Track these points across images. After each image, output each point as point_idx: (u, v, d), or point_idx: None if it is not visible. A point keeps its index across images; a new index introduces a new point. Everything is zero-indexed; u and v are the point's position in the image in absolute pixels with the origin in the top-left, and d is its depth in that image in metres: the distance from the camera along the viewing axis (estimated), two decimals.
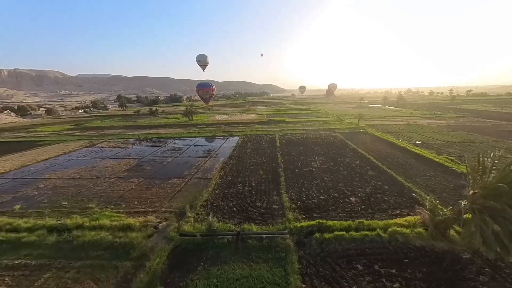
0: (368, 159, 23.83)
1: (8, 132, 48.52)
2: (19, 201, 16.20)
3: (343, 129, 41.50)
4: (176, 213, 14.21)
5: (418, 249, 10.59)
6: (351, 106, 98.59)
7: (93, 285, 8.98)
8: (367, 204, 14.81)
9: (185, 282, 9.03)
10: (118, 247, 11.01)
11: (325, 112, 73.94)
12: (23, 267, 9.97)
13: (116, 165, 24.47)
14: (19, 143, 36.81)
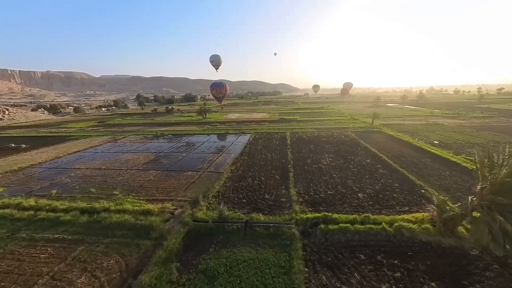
0: (380, 158, 23.51)
1: (43, 128, 53.57)
2: (55, 187, 18.32)
3: (356, 128, 40.77)
4: (190, 201, 15.33)
5: (423, 244, 10.66)
6: (366, 105, 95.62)
7: (119, 259, 10.23)
8: (375, 200, 14.89)
9: (198, 260, 9.98)
10: (140, 228, 12.29)
11: (338, 111, 72.57)
12: (61, 241, 11.55)
13: (136, 158, 26.40)
14: (52, 137, 40.67)
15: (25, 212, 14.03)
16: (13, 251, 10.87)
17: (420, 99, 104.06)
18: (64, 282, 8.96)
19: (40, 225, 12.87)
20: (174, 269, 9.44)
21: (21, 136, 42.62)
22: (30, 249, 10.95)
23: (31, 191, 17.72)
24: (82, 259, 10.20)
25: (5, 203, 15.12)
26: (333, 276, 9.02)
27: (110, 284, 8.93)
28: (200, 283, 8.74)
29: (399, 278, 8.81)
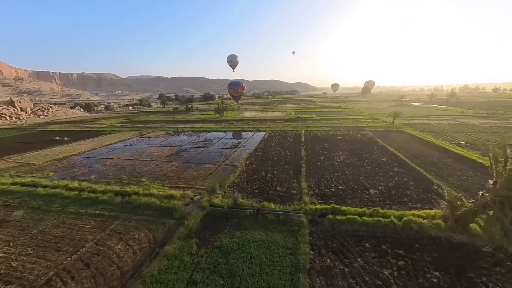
0: (397, 157, 22.99)
1: (80, 124, 59.84)
2: (93, 173, 20.99)
3: (375, 127, 39.59)
4: (207, 190, 16.75)
5: (432, 238, 10.75)
6: (389, 104, 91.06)
7: (147, 232, 11.87)
8: (387, 197, 14.96)
9: (213, 238, 11.22)
10: (164, 209, 13.92)
11: (357, 110, 70.30)
12: (101, 216, 13.59)
13: (160, 151, 28.81)
14: (88, 132, 45.49)
15: (71, 192, 16.54)
16: (64, 221, 13.11)
17: (451, 98, 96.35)
18: (105, 247, 10.76)
19: (83, 203, 15.16)
20: (194, 243, 10.78)
21: (63, 131, 48.23)
22: (77, 221, 13.10)
23: (74, 176, 20.57)
24: (118, 231, 12.02)
25: (56, 184, 17.88)
26: (337, 259, 9.65)
27: (141, 251, 10.53)
28: (215, 256, 9.94)
29: (402, 265, 9.17)
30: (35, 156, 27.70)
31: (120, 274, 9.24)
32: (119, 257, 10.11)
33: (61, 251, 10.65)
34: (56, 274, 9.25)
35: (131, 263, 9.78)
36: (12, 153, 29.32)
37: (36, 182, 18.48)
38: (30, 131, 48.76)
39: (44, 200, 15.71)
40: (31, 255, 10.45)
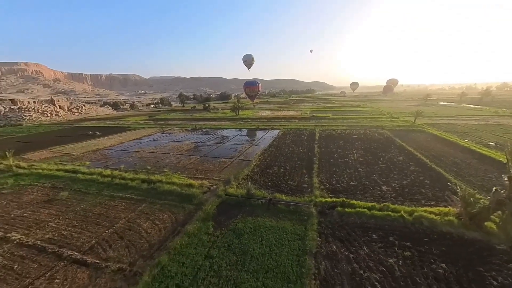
0: (415, 156, 22.33)
1: (109, 120, 65.27)
2: (122, 163, 23.36)
3: (394, 127, 38.20)
4: (223, 181, 17.95)
5: (443, 234, 10.75)
6: (412, 103, 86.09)
7: (170, 214, 13.31)
8: (399, 193, 14.92)
9: (228, 222, 12.29)
10: (184, 196, 15.34)
11: (377, 109, 67.71)
12: (130, 199, 15.39)
13: (180, 146, 30.83)
14: (116, 128, 49.65)
15: (105, 178, 18.76)
16: (101, 202, 15.10)
17: (485, 97, 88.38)
18: (135, 224, 12.36)
19: (115, 187, 17.19)
20: (210, 225, 11.94)
21: (95, 126, 53.12)
22: (111, 202, 15.02)
23: (106, 165, 23.08)
24: (145, 212, 13.64)
25: (92, 172, 20.33)
26: (343, 246, 10.17)
27: (165, 229, 11.94)
28: (229, 237, 11.00)
29: (408, 256, 9.44)
30: (73, 148, 31.26)
31: (148, 246, 10.68)
32: (147, 233, 11.61)
33: (99, 225, 12.46)
34: (97, 243, 10.96)
35: (157, 238, 11.22)
36: (54, 145, 33.35)
37: (76, 169, 21.16)
38: (67, 126, 54.45)
39: (84, 184, 18.08)
40: (77, 227, 12.39)
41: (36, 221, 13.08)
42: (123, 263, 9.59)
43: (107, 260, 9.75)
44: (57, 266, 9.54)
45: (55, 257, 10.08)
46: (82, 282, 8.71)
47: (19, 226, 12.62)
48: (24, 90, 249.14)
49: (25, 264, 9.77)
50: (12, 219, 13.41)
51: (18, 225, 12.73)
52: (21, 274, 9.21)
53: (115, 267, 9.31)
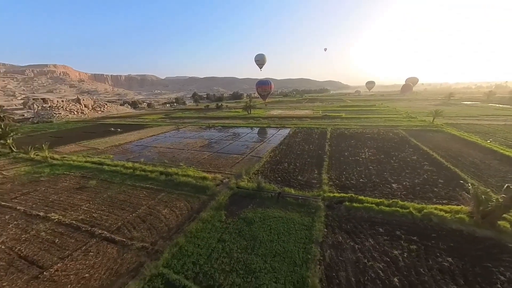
0: (430, 156, 21.75)
1: (128, 118, 69.16)
2: (142, 157, 25.09)
3: (410, 126, 36.98)
4: (235, 175, 18.81)
5: (452, 231, 10.74)
6: (433, 103, 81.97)
7: (186, 203, 14.39)
8: (410, 191, 14.85)
9: (239, 211, 13.09)
10: (199, 187, 16.40)
11: (393, 109, 65.41)
12: (150, 188, 16.74)
13: (194, 142, 32.29)
14: (135, 125, 52.65)
15: (127, 170, 20.41)
16: (124, 190, 16.60)
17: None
18: (155, 210, 13.57)
19: (137, 178, 18.70)
20: (223, 214, 12.82)
21: (116, 123, 56.60)
22: (133, 191, 16.46)
23: (128, 158, 24.94)
24: (164, 200, 14.85)
25: (116, 164, 22.15)
26: (349, 237, 10.55)
27: (182, 215, 13.01)
28: (240, 225, 11.79)
29: (413, 249, 9.63)
30: (98, 143, 33.88)
31: (167, 229, 11.78)
32: (166, 218, 12.74)
33: (124, 210, 13.83)
34: (123, 224, 12.26)
35: (175, 223, 12.30)
36: (81, 139, 36.33)
37: (101, 161, 23.14)
38: (92, 123, 58.58)
39: (109, 174, 19.84)
40: (105, 210, 13.85)
41: (70, 204, 14.78)
42: (145, 242, 10.74)
43: (132, 239, 10.95)
44: (90, 242, 10.90)
45: (88, 235, 11.48)
46: (112, 256, 9.93)
47: (57, 208, 14.35)
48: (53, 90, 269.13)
49: (64, 239, 11.25)
50: (51, 202, 15.24)
51: (56, 207, 14.47)
52: (61, 246, 10.66)
53: (139, 245, 10.47)
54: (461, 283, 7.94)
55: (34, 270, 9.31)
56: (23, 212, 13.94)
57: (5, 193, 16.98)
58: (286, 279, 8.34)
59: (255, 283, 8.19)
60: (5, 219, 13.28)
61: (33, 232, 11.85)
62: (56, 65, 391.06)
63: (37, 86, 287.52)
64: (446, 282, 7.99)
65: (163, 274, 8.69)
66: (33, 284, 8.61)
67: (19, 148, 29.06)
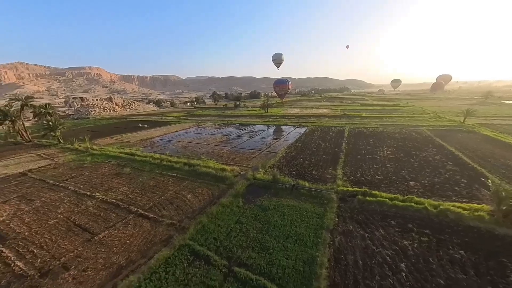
0: (455, 156, 20.75)
1: (153, 116, 74.30)
2: (167, 150, 27.43)
3: (437, 126, 34.94)
4: (251, 168, 19.92)
5: (469, 227, 10.62)
6: (467, 102, 75.16)
7: (207, 190, 15.84)
8: (428, 189, 14.62)
9: (255, 199, 14.13)
10: (219, 177, 17.79)
11: (419, 108, 61.61)
12: (175, 177, 18.55)
13: (213, 138, 34.14)
14: (160, 122, 56.58)
15: (155, 160, 22.64)
16: (154, 177, 18.62)
17: None
18: (181, 195, 15.21)
19: (164, 167, 20.74)
20: (240, 201, 13.97)
21: (143, 120, 61.31)
22: (161, 178, 18.40)
23: (155, 150, 27.43)
24: (188, 187, 16.47)
25: (145, 155, 24.60)
26: (359, 227, 11.02)
27: (204, 200, 14.44)
28: (256, 210, 12.84)
29: (425, 241, 9.82)
30: (128, 137, 37.40)
31: (191, 210, 13.26)
32: (190, 201, 14.27)
33: (154, 193, 15.69)
34: (154, 205, 14.03)
35: (198, 205, 13.75)
36: (114, 134, 40.34)
37: (133, 153, 25.81)
38: (122, 120, 64.11)
39: (140, 163, 22.22)
40: (138, 193, 15.85)
41: (110, 187, 17.10)
42: (173, 220, 12.29)
43: (162, 217, 12.59)
44: (128, 217, 12.77)
45: (126, 211, 13.41)
46: (146, 229, 11.62)
47: (99, 189, 16.74)
48: (88, 90, 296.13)
49: (107, 213, 13.30)
50: (94, 184, 17.75)
51: (99, 188, 16.87)
52: (106, 219, 12.67)
53: (168, 222, 12.05)
54: (471, 274, 8.09)
55: (87, 235, 11.32)
56: (74, 191, 16.52)
57: (58, 175, 20.06)
58: (297, 257, 9.19)
59: (268, 258, 9.17)
60: (60, 196, 15.92)
61: (83, 207, 14.13)
62: (91, 67, 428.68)
63: (75, 86, 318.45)
64: (455, 271, 8.20)
65: (189, 245, 10.07)
66: (87, 245, 10.55)
67: (65, 140, 33.39)
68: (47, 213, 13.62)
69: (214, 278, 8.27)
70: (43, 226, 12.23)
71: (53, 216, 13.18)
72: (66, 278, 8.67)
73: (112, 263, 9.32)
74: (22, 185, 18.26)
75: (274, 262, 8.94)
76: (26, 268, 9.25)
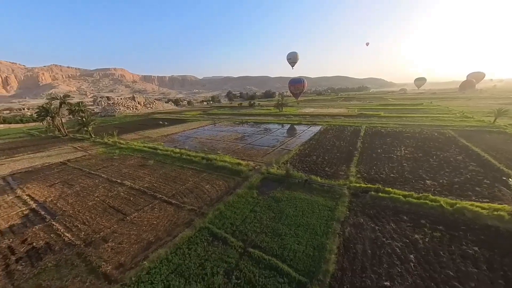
0: (480, 157, 19.75)
1: (172, 114, 78.02)
2: (186, 145, 29.15)
3: (463, 127, 32.96)
4: (265, 163, 20.67)
5: (486, 226, 10.44)
6: (500, 101, 68.94)
7: (224, 182, 16.90)
8: (446, 188, 14.32)
9: (269, 192, 14.87)
10: (234, 171, 18.80)
11: (444, 108, 58.01)
12: (194, 169, 19.90)
13: (229, 135, 35.42)
14: (178, 119, 59.44)
15: (176, 154, 24.31)
16: (175, 169, 20.15)
17: None
18: (199, 185, 16.43)
19: (183, 161, 22.27)
20: (255, 192, 14.80)
21: (163, 118, 64.72)
22: (181, 170, 19.87)
23: (175, 145, 29.28)
24: (205, 179, 17.68)
25: (166, 149, 26.44)
26: (370, 220, 11.29)
27: (221, 190, 15.49)
28: (269, 201, 13.60)
29: (437, 236, 9.88)
30: (151, 133, 40.05)
31: (210, 199, 14.37)
32: (208, 191, 15.40)
33: (176, 183, 17.10)
34: (176, 193, 15.38)
35: (215, 195, 14.84)
36: (138, 130, 43.38)
37: (156, 147, 27.83)
38: (144, 118, 68.25)
39: (162, 156, 24.01)
40: (162, 182, 17.37)
41: (137, 176, 18.89)
42: (194, 206, 13.47)
43: (184, 203, 13.83)
44: (154, 202, 14.21)
45: (152, 197, 14.89)
46: (170, 212, 12.91)
47: (128, 178, 18.57)
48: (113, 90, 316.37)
49: (136, 198, 14.88)
50: (123, 173, 19.69)
51: (128, 177, 18.71)
52: (135, 203, 14.22)
53: (189, 208, 13.25)
54: (483, 268, 8.13)
55: (120, 215, 12.88)
56: (106, 179, 18.52)
57: (92, 165, 22.44)
58: (308, 243, 9.80)
59: (280, 243, 9.88)
60: (95, 182, 17.97)
61: (115, 192, 15.91)
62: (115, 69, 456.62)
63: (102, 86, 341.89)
64: (466, 265, 8.28)
65: (209, 227, 11.11)
66: (121, 223, 12.05)
67: (95, 135, 36.72)
68: (86, 196, 15.57)
69: (231, 256, 9.19)
70: (83, 206, 14.07)
71: (91, 199, 15.06)
72: (106, 248, 10.12)
73: (143, 239, 10.64)
74: (64, 172, 20.79)
75: (286, 246, 9.64)
76: (73, 238, 10.91)
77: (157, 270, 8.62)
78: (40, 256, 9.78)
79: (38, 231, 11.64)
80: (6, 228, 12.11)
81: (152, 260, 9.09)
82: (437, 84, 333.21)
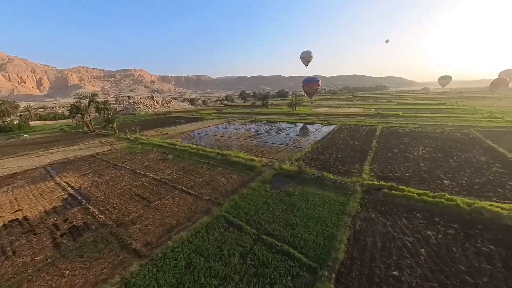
0: (507, 158, 18.70)
1: (188, 112, 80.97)
2: (202, 142, 30.52)
3: (489, 127, 31.01)
4: (278, 160, 21.20)
5: (506, 226, 10.18)
6: None
7: (238, 176, 17.72)
8: (465, 189, 13.92)
9: (281, 186, 15.43)
10: (248, 166, 19.57)
11: (471, 108, 54.45)
12: (210, 164, 20.97)
13: (242, 133, 36.34)
14: (194, 118, 61.68)
15: (193, 149, 25.65)
16: (192, 163, 21.38)
17: None
18: (215, 178, 17.40)
19: (200, 156, 23.47)
20: (268, 186, 15.44)
21: (180, 116, 67.54)
22: (198, 164, 21.03)
23: (192, 142, 30.74)
24: (221, 173, 18.64)
25: (184, 145, 27.92)
26: (382, 216, 11.44)
27: (235, 184, 16.33)
28: (282, 195, 14.16)
29: (451, 233, 9.85)
30: (169, 130, 42.21)
31: (225, 191, 15.26)
32: (224, 184, 16.31)
33: (194, 176, 18.24)
34: (194, 185, 16.47)
35: (230, 187, 15.70)
36: (157, 127, 45.87)
37: (174, 143, 29.47)
38: (162, 116, 71.60)
39: (180, 152, 25.46)
40: (181, 175, 18.60)
41: (158, 169, 20.35)
42: (211, 197, 14.42)
43: (201, 194, 14.85)
44: (175, 192, 15.39)
45: (172, 188, 16.11)
46: (190, 201, 13.96)
47: (150, 170, 20.08)
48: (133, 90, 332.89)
49: (158, 188, 16.19)
50: (146, 166, 21.29)
51: (150, 169, 20.24)
52: (158, 192, 15.51)
53: (206, 198, 14.22)
54: (498, 266, 8.09)
55: (145, 202, 14.17)
56: (131, 170, 20.18)
57: (117, 158, 24.43)
58: (318, 233, 10.25)
59: (292, 232, 10.44)
60: (122, 173, 19.68)
61: (140, 182, 17.38)
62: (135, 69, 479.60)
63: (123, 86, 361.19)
64: (479, 261, 8.28)
65: (225, 216, 11.95)
66: (146, 209, 13.31)
67: (119, 131, 39.49)
68: (115, 184, 17.20)
69: (245, 241, 9.92)
70: (113, 193, 15.62)
71: (119, 187, 16.63)
72: (134, 229, 11.34)
73: (166, 223, 11.74)
74: (93, 163, 22.90)
75: (297, 235, 10.18)
76: (106, 220, 12.30)
77: (180, 249, 9.58)
78: (80, 233, 11.22)
79: (76, 213, 13.23)
80: (50, 209, 13.89)
81: (175, 241, 10.09)
82: (465, 82, 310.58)
